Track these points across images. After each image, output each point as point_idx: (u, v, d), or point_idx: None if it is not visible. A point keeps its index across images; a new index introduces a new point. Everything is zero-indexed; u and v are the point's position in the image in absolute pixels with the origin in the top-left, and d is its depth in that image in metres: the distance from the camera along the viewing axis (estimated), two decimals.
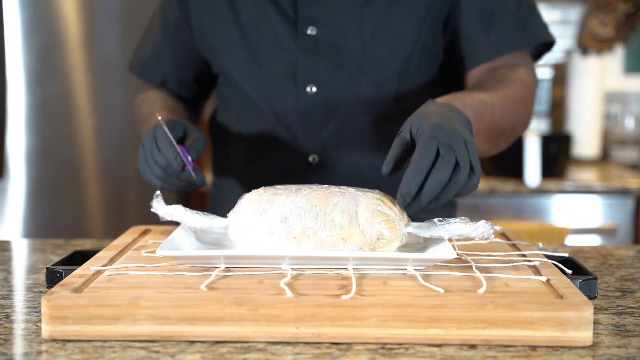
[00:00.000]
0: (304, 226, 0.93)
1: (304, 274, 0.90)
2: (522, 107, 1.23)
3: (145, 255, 0.99)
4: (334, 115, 1.27)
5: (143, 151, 1.13)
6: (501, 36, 1.26)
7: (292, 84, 1.27)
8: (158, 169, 1.11)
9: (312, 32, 1.26)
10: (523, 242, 1.08)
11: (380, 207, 0.93)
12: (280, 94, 1.28)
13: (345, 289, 0.83)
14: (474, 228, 0.92)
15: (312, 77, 1.27)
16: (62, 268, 0.95)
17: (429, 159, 0.90)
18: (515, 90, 1.21)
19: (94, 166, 2.31)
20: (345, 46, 1.26)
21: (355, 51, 1.26)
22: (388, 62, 1.26)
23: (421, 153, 0.91)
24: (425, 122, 0.94)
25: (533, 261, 0.95)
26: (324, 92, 1.27)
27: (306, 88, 1.27)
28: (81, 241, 1.34)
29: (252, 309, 0.78)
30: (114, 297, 0.80)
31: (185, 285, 0.85)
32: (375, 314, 0.78)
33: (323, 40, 1.26)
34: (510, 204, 2.51)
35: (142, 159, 1.13)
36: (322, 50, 1.26)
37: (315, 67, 1.27)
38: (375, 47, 1.25)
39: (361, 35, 1.25)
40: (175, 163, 1.09)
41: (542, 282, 0.87)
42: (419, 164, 0.90)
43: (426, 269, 0.92)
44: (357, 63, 1.26)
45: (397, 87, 1.28)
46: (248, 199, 0.98)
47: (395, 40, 1.26)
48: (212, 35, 1.32)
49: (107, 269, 0.92)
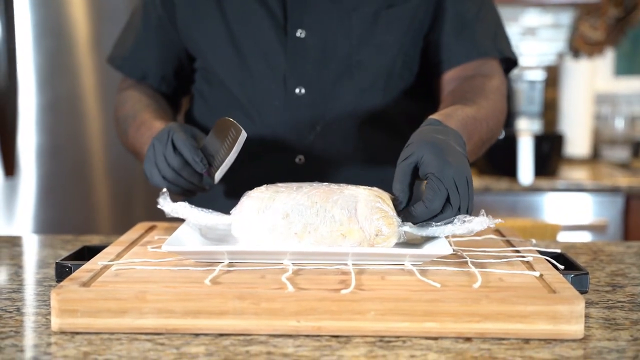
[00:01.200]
0: (305, 222, 0.93)
1: (304, 268, 0.89)
2: (501, 117, 1.25)
3: (151, 251, 0.99)
4: (322, 117, 1.26)
5: (152, 151, 1.12)
6: (473, 42, 1.28)
7: (280, 84, 1.26)
8: (169, 170, 1.10)
9: (301, 35, 1.25)
10: (516, 238, 1.08)
11: (378, 203, 0.93)
12: (267, 94, 1.27)
13: (345, 284, 0.83)
14: (470, 227, 0.92)
15: (300, 79, 1.26)
16: (70, 263, 0.94)
17: (438, 205, 0.92)
18: (496, 102, 1.23)
19: (102, 164, 2.30)
20: (333, 50, 1.25)
21: (343, 55, 1.25)
22: (373, 67, 1.26)
23: (432, 198, 0.92)
24: (430, 155, 0.94)
25: (526, 257, 0.95)
26: (312, 94, 1.26)
27: (295, 89, 1.26)
28: (89, 237, 1.34)
29: (255, 302, 0.78)
30: (121, 290, 0.80)
31: (189, 280, 0.85)
32: (373, 308, 0.78)
33: (311, 43, 1.25)
34: (504, 201, 2.51)
35: (151, 159, 1.12)
36: (310, 52, 1.25)
37: (304, 69, 1.26)
38: (362, 53, 1.25)
39: (349, 40, 1.25)
40: (200, 166, 1.08)
41: (535, 277, 0.87)
42: (430, 206, 0.93)
43: (423, 264, 0.92)
44: (344, 67, 1.26)
45: (382, 91, 1.28)
46: (250, 196, 0.97)
47: (380, 47, 1.26)
48: (197, 32, 1.30)
49: (114, 263, 0.91)
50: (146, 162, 1.13)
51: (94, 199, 2.31)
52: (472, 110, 1.14)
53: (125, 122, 1.31)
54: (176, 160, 1.09)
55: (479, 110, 1.16)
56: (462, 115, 1.10)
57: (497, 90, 1.25)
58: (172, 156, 1.09)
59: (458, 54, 1.28)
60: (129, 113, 1.30)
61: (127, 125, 1.30)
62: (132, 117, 1.29)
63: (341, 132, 1.28)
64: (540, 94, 3.03)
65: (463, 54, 1.28)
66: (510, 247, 1.02)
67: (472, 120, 1.12)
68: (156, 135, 1.13)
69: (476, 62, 1.29)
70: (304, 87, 1.26)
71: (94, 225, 2.29)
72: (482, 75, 1.27)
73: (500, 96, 1.25)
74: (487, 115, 1.18)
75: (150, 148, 1.13)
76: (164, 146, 1.10)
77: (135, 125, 1.27)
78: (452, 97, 1.22)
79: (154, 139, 1.13)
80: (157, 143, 1.11)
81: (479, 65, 1.29)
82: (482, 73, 1.28)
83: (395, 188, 0.96)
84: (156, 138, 1.12)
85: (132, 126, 1.28)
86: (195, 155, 1.09)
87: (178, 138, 1.10)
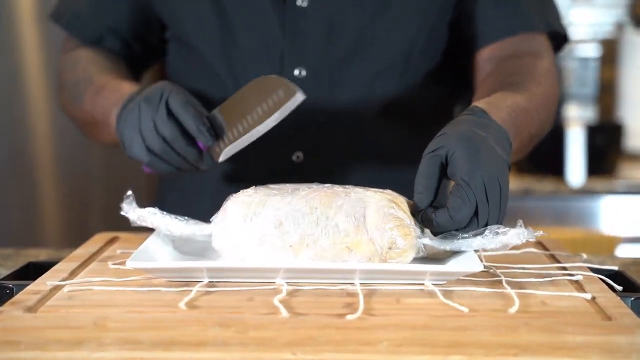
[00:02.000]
0: (302, 232, 0.94)
1: (301, 289, 0.90)
2: (553, 106, 1.25)
3: (113, 268, 1.00)
4: (325, 105, 1.27)
5: (137, 113, 1.10)
6: (515, 12, 1.28)
7: (275, 64, 1.26)
8: (157, 139, 1.09)
9: (303, 3, 1.25)
10: (563, 253, 1.09)
11: (392, 209, 0.94)
12: (259, 75, 1.24)
13: (351, 307, 0.84)
14: (505, 240, 0.92)
15: (301, 58, 1.26)
16: (12, 283, 0.95)
17: (465, 216, 0.93)
18: (547, 87, 1.23)
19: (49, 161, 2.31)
20: (340, 23, 1.25)
21: (352, 30, 1.26)
22: (390, 44, 1.27)
23: (458, 208, 0.93)
24: (462, 153, 0.94)
25: (575, 275, 0.96)
26: (315, 77, 1.26)
27: (294, 70, 1.26)
28: (35, 251, 1.34)
29: (240, 330, 0.79)
30: (76, 317, 0.81)
31: (160, 303, 0.86)
32: (386, 337, 0.78)
33: (315, 14, 1.25)
34: (548, 206, 2.52)
35: (134, 123, 1.10)
36: (313, 26, 1.25)
37: (306, 46, 1.26)
38: (376, 27, 1.26)
39: (360, 10, 1.25)
40: (205, 137, 1.07)
41: (586, 299, 0.88)
42: (455, 216, 0.93)
43: (447, 283, 0.92)
44: (355, 44, 1.26)
45: (400, 74, 1.29)
46: (235, 200, 0.98)
47: (399, 20, 1.26)
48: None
49: (67, 283, 0.92)
50: (125, 126, 1.12)
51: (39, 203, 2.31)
52: (522, 99, 1.14)
53: (77, 86, 1.30)
54: (169, 127, 1.08)
55: (530, 99, 1.16)
56: (511, 105, 1.10)
57: (549, 73, 1.26)
58: (165, 121, 1.08)
59: (497, 27, 1.28)
60: (82, 76, 1.29)
61: (79, 91, 1.28)
62: (87, 80, 1.28)
63: (349, 124, 1.28)
64: (595, 73, 3.04)
65: (504, 27, 1.28)
66: (556, 264, 1.03)
67: (523, 113, 1.12)
68: (145, 94, 1.11)
69: (519, 37, 1.29)
70: (305, 68, 1.26)
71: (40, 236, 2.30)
72: (531, 53, 1.28)
73: (552, 80, 1.26)
74: (538, 105, 1.18)
75: (134, 109, 1.11)
76: (154, 109, 1.08)
77: (92, 89, 1.25)
78: (493, 80, 1.23)
79: (141, 99, 1.10)
80: (145, 104, 1.09)
81: (523, 40, 1.29)
82: (530, 51, 1.28)
83: (419, 182, 0.96)
84: (145, 98, 1.10)
85: (88, 91, 1.26)
86: (199, 122, 1.08)
87: (175, 100, 1.08)
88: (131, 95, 1.16)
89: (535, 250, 1.10)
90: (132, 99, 1.15)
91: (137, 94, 1.15)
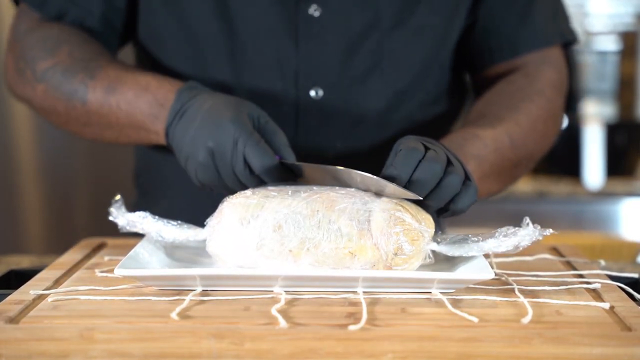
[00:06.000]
0: (302, 236, 0.94)
1: (301, 297, 0.90)
2: (541, 125, 1.25)
3: (100, 275, 1.00)
4: (344, 128, 1.24)
5: (211, 160, 1.04)
6: (532, 27, 1.29)
7: (289, 83, 1.22)
8: (236, 181, 1.04)
9: (316, 13, 1.21)
10: (580, 259, 1.09)
11: (398, 212, 0.94)
12: (269, 96, 1.22)
13: (354, 317, 0.84)
14: (515, 241, 0.93)
15: (317, 76, 1.22)
16: None
17: (419, 150, 0.96)
18: (547, 103, 1.25)
19: (31, 162, 2.31)
20: (357, 34, 1.22)
21: (370, 42, 1.23)
22: (411, 58, 1.25)
23: (410, 144, 0.97)
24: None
25: (593, 283, 0.96)
26: (333, 97, 1.23)
27: (309, 90, 1.23)
28: (17, 257, 1.34)
29: (236, 342, 0.79)
30: (61, 328, 0.81)
31: (151, 313, 0.86)
32: (391, 349, 0.79)
33: (329, 24, 1.21)
34: (564, 210, 2.52)
35: (211, 168, 1.04)
36: (328, 38, 1.22)
37: (322, 62, 1.22)
38: (396, 39, 1.23)
39: (376, 18, 1.22)
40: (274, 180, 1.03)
41: (604, 309, 0.88)
42: (410, 152, 0.96)
43: (456, 291, 0.93)
44: (372, 59, 1.23)
45: (422, 91, 1.28)
46: (232, 202, 0.98)
47: (421, 31, 1.24)
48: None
49: (52, 292, 0.92)
50: (200, 168, 1.05)
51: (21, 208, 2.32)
52: (480, 130, 1.17)
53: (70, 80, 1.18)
54: (246, 174, 1.03)
55: (493, 129, 1.18)
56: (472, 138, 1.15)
57: (553, 85, 1.28)
58: (242, 168, 1.03)
59: (513, 43, 1.29)
60: (76, 66, 1.18)
61: (83, 87, 1.17)
62: (89, 75, 1.17)
63: (367, 149, 1.25)
64: (614, 68, 3.04)
65: (521, 43, 1.29)
66: (572, 271, 1.03)
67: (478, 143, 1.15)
68: (213, 139, 1.03)
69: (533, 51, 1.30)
70: (322, 87, 1.23)
71: (23, 242, 2.30)
72: (539, 65, 1.29)
73: (553, 94, 1.27)
74: (508, 131, 1.19)
75: (205, 154, 1.04)
76: (230, 157, 1.03)
77: (105, 86, 1.15)
78: (489, 99, 1.26)
79: (210, 145, 1.03)
80: (219, 151, 1.03)
81: (535, 54, 1.30)
82: (538, 62, 1.29)
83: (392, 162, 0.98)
84: (215, 144, 1.03)
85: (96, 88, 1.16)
86: (272, 176, 1.03)
87: (252, 153, 1.02)
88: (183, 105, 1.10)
89: (550, 256, 1.10)
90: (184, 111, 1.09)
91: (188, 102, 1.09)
